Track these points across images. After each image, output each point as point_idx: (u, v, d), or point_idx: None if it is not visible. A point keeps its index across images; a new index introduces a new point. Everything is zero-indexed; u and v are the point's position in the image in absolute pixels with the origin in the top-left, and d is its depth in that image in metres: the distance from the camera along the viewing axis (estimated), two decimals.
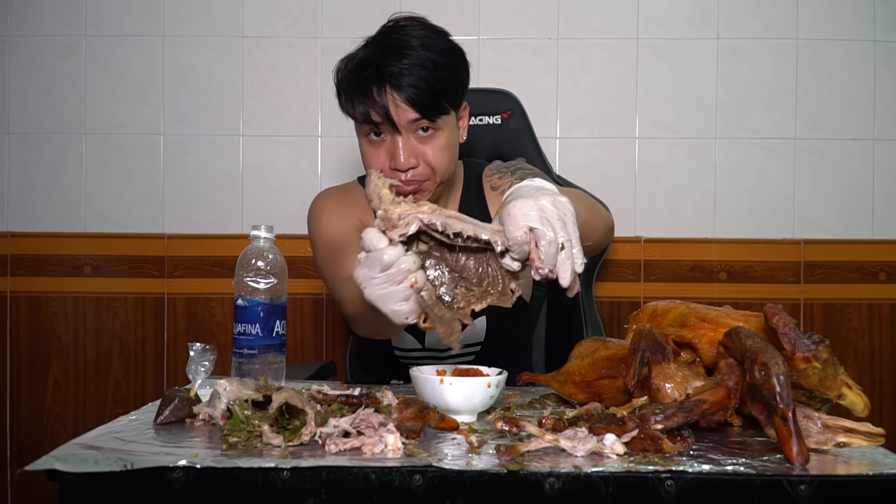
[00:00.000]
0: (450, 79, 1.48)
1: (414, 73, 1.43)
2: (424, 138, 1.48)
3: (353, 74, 1.48)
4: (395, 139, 1.47)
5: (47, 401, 2.46)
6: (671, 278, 2.44)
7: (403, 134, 1.46)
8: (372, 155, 1.50)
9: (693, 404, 1.02)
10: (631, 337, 1.20)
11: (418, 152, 1.48)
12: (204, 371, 1.21)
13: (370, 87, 1.44)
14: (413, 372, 1.19)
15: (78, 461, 0.90)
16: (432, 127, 1.47)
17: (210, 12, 2.46)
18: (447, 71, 1.48)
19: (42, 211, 2.47)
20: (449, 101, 1.49)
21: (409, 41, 1.46)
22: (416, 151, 1.47)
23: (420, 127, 1.46)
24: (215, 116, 2.46)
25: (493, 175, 1.67)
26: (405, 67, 1.43)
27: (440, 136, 1.49)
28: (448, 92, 1.48)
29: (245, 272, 1.23)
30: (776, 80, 2.44)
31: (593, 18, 2.45)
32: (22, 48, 2.46)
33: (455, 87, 1.50)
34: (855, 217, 2.44)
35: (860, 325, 2.44)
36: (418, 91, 1.43)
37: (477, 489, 0.89)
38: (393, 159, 1.47)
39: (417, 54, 1.44)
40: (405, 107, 1.44)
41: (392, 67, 1.43)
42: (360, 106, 1.46)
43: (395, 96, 1.43)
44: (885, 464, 0.94)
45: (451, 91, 1.49)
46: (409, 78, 1.43)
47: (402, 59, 1.44)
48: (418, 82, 1.43)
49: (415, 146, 1.47)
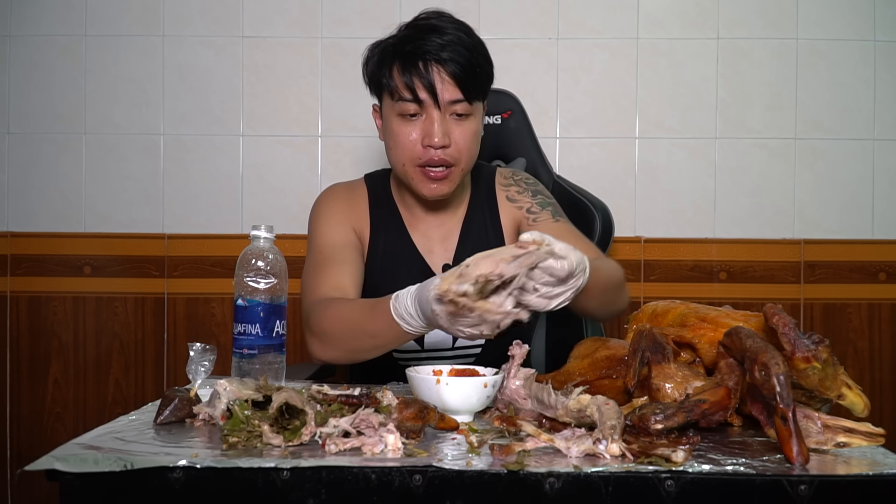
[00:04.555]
0: (484, 65, 1.54)
1: (457, 49, 1.49)
2: (458, 121, 1.52)
3: (396, 49, 1.52)
4: (432, 115, 1.50)
5: (47, 401, 2.46)
6: (671, 278, 2.44)
7: (442, 111, 1.50)
8: (403, 133, 1.52)
9: (693, 404, 1.02)
10: (631, 337, 1.20)
11: (452, 134, 1.51)
12: (204, 371, 1.21)
13: (416, 61, 1.48)
14: (409, 372, 1.19)
15: (78, 461, 0.90)
16: (467, 111, 1.51)
17: (210, 12, 2.46)
18: (482, 55, 1.54)
19: (42, 211, 2.47)
20: (485, 85, 1.55)
21: (444, 25, 1.52)
22: (450, 132, 1.51)
23: (456, 110, 1.51)
24: (215, 116, 2.46)
25: (510, 186, 1.69)
26: (447, 44, 1.49)
27: (472, 121, 1.54)
28: (484, 75, 1.54)
29: (245, 272, 1.23)
30: (776, 80, 2.44)
31: (593, 18, 2.45)
32: (22, 48, 2.46)
33: (488, 75, 1.56)
34: (855, 217, 2.44)
35: (860, 325, 2.44)
36: (462, 67, 1.48)
37: (477, 489, 0.89)
38: (427, 136, 1.50)
39: (456, 34, 1.50)
40: (450, 82, 1.48)
41: (433, 43, 1.49)
42: (404, 78, 1.49)
43: (440, 70, 1.48)
44: (885, 464, 0.94)
45: (486, 76, 1.55)
46: (452, 54, 1.49)
47: (443, 36, 1.50)
48: (461, 59, 1.49)
49: (449, 126, 1.51)
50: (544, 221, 1.62)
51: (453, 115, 1.52)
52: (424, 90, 1.49)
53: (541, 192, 1.69)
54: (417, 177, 1.55)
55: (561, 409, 1.02)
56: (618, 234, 2.36)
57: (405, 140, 1.52)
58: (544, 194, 1.69)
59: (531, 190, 1.68)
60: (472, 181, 1.69)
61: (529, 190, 1.68)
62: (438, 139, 1.49)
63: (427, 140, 1.50)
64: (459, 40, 1.51)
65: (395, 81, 1.51)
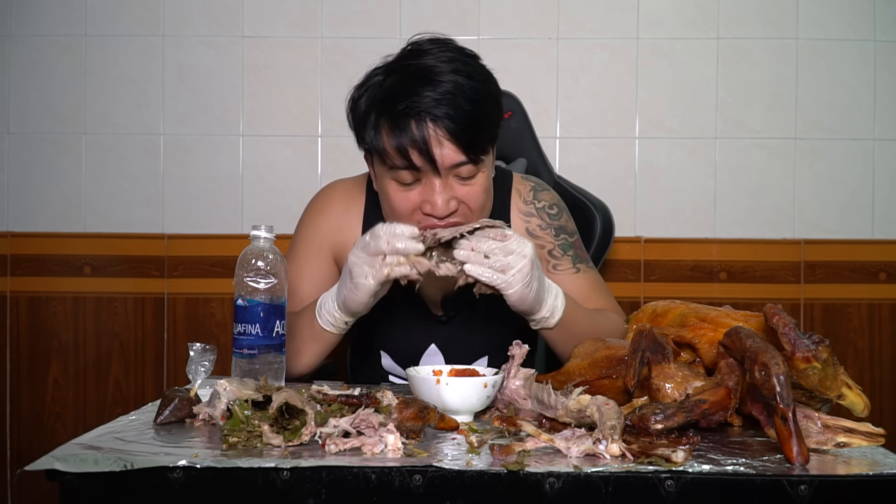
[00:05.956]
0: (489, 111, 1.36)
1: (455, 102, 1.30)
2: (464, 181, 1.35)
3: (383, 106, 1.32)
4: (433, 182, 1.32)
5: (47, 401, 2.46)
6: (671, 278, 2.44)
7: (443, 176, 1.32)
8: (400, 199, 1.35)
9: (693, 404, 1.02)
10: (631, 337, 1.20)
11: (458, 195, 1.35)
12: (204, 371, 1.21)
13: (408, 121, 1.30)
14: (410, 372, 1.20)
15: (78, 461, 0.90)
16: (472, 173, 1.34)
17: (210, 12, 2.46)
18: (487, 100, 1.35)
19: (42, 211, 2.47)
20: (493, 135, 1.37)
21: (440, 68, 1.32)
22: (455, 194, 1.34)
23: (460, 173, 1.33)
24: (215, 116, 2.46)
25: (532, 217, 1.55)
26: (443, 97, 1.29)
27: (481, 178, 1.36)
28: (491, 125, 1.36)
29: (245, 272, 1.23)
30: (776, 80, 2.44)
31: (593, 18, 2.45)
32: (22, 48, 2.46)
33: (495, 121, 1.38)
34: (855, 217, 2.44)
35: (860, 325, 2.44)
36: (462, 125, 1.30)
37: (477, 489, 0.89)
38: (429, 204, 1.33)
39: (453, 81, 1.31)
40: (448, 144, 1.30)
41: (427, 99, 1.29)
42: (394, 142, 1.31)
43: (436, 131, 1.29)
44: (885, 464, 0.94)
45: (494, 124, 1.37)
46: (450, 109, 1.29)
47: (439, 86, 1.30)
48: (461, 115, 1.30)
49: (454, 188, 1.34)
50: (564, 272, 1.52)
51: (457, 178, 1.34)
52: (420, 156, 1.30)
53: (563, 229, 1.55)
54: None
55: (561, 409, 1.02)
56: (618, 234, 2.36)
57: (402, 207, 1.35)
58: (567, 230, 1.56)
59: (554, 227, 1.54)
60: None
61: (552, 227, 1.54)
62: (441, 208, 1.32)
63: (428, 208, 1.33)
64: (458, 89, 1.30)
65: (385, 145, 1.32)
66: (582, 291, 1.53)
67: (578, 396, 1.01)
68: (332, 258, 1.58)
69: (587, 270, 1.56)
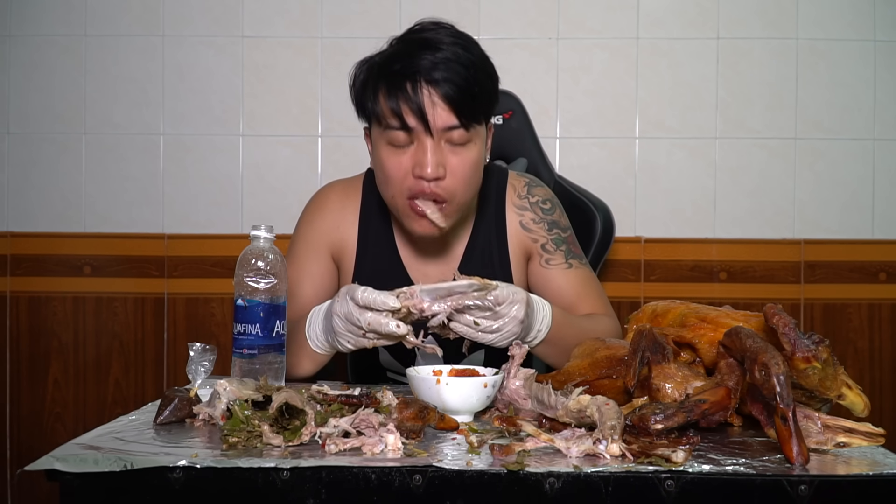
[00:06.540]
0: (486, 82, 1.39)
1: (451, 67, 1.33)
2: (455, 149, 1.37)
3: (382, 69, 1.37)
4: (424, 143, 1.35)
5: (47, 401, 2.46)
6: (671, 278, 2.44)
7: (435, 138, 1.35)
8: (393, 163, 1.38)
9: (693, 404, 1.02)
10: (631, 337, 1.20)
11: (447, 164, 1.37)
12: (204, 371, 1.21)
13: (403, 82, 1.33)
14: (410, 372, 1.20)
15: (78, 461, 0.90)
16: (464, 139, 1.37)
17: (210, 12, 2.46)
18: (483, 73, 1.38)
19: (42, 211, 2.47)
20: (486, 106, 1.40)
21: (440, 39, 1.37)
22: (444, 162, 1.36)
23: (452, 137, 1.36)
24: (215, 116, 2.46)
25: (525, 211, 1.57)
26: (440, 61, 1.33)
27: (471, 150, 1.39)
28: (485, 96, 1.39)
29: (245, 272, 1.23)
30: (776, 80, 2.44)
31: (593, 18, 2.45)
32: (22, 48, 2.46)
33: (490, 94, 1.41)
34: (855, 217, 2.44)
35: (860, 325, 2.44)
36: (457, 88, 1.33)
37: (477, 489, 0.89)
38: (419, 166, 1.35)
39: (452, 50, 1.35)
40: (442, 106, 1.33)
41: (424, 61, 1.33)
42: (390, 103, 1.34)
43: (431, 92, 1.33)
44: (885, 464, 0.94)
45: (488, 97, 1.40)
46: (446, 72, 1.33)
47: (437, 52, 1.34)
48: (456, 78, 1.33)
49: (444, 156, 1.36)
50: (556, 267, 1.53)
51: (449, 143, 1.37)
52: (413, 116, 1.33)
53: (556, 224, 1.57)
54: (407, 212, 1.41)
55: (561, 410, 1.02)
56: (618, 234, 2.36)
57: (394, 171, 1.38)
58: (560, 226, 1.57)
59: (547, 221, 1.56)
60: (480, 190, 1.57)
61: (545, 221, 1.56)
62: (431, 170, 1.34)
63: (418, 170, 1.35)
64: (455, 56, 1.34)
65: (382, 107, 1.36)
66: (573, 288, 1.54)
67: (578, 396, 1.01)
68: (331, 257, 1.59)
69: (580, 266, 1.56)
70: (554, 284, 1.54)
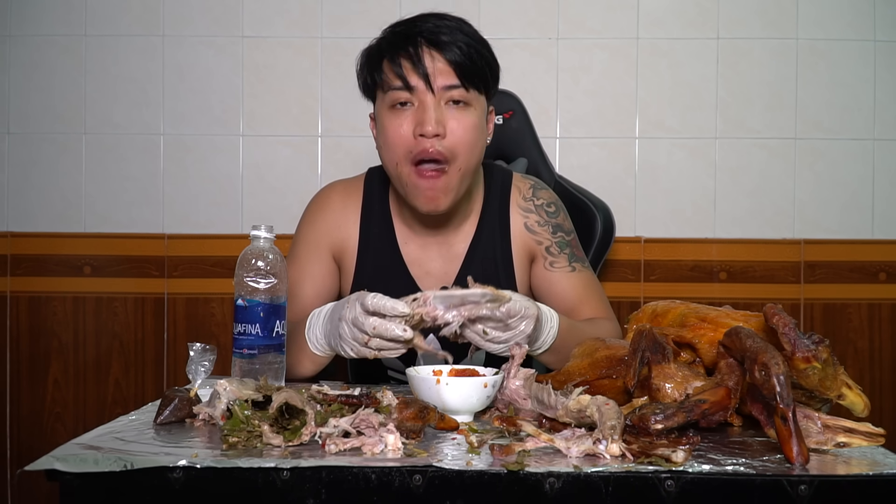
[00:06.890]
0: (486, 55, 1.44)
1: (453, 33, 1.40)
2: (455, 111, 1.41)
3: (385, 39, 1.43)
4: (425, 101, 1.39)
5: (47, 401, 2.46)
6: (671, 278, 2.44)
7: (436, 97, 1.39)
8: (394, 125, 1.41)
9: (693, 404, 1.02)
10: (631, 337, 1.20)
11: (447, 123, 1.40)
12: (204, 371, 1.21)
13: (406, 45, 1.39)
14: (410, 372, 1.20)
15: (78, 461, 0.90)
16: (465, 100, 1.41)
17: (210, 12, 2.46)
18: (484, 46, 1.44)
19: (42, 211, 2.47)
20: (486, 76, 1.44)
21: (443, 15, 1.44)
22: (444, 121, 1.40)
23: (453, 98, 1.40)
24: (215, 116, 2.46)
25: (530, 213, 1.58)
26: (442, 27, 1.40)
27: (471, 112, 1.42)
28: (485, 64, 1.43)
29: (245, 272, 1.23)
30: (776, 80, 2.44)
31: (593, 18, 2.45)
32: (22, 48, 2.46)
33: (491, 66, 1.46)
34: (855, 217, 2.44)
35: (860, 325, 2.44)
36: (458, 51, 1.39)
37: (477, 489, 0.89)
38: (420, 124, 1.38)
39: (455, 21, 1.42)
40: (443, 63, 1.39)
41: (427, 24, 1.40)
42: (394, 66, 1.39)
43: (433, 54, 1.39)
44: (885, 464, 0.94)
45: (488, 66, 1.45)
46: (448, 37, 1.39)
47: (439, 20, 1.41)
48: (458, 42, 1.39)
49: (444, 115, 1.40)
50: (560, 270, 1.55)
51: (449, 103, 1.41)
52: (415, 74, 1.38)
53: (561, 227, 1.58)
54: (411, 180, 1.42)
55: (561, 410, 1.02)
56: (618, 234, 2.36)
57: (395, 133, 1.41)
58: (564, 229, 1.59)
59: (552, 224, 1.58)
60: (484, 187, 1.59)
61: (550, 224, 1.58)
62: (431, 127, 1.37)
63: (419, 128, 1.39)
64: (458, 26, 1.42)
65: (385, 72, 1.42)
66: (576, 291, 1.55)
67: (578, 396, 1.01)
68: (332, 257, 1.59)
69: (583, 270, 1.58)
70: (557, 287, 1.55)
